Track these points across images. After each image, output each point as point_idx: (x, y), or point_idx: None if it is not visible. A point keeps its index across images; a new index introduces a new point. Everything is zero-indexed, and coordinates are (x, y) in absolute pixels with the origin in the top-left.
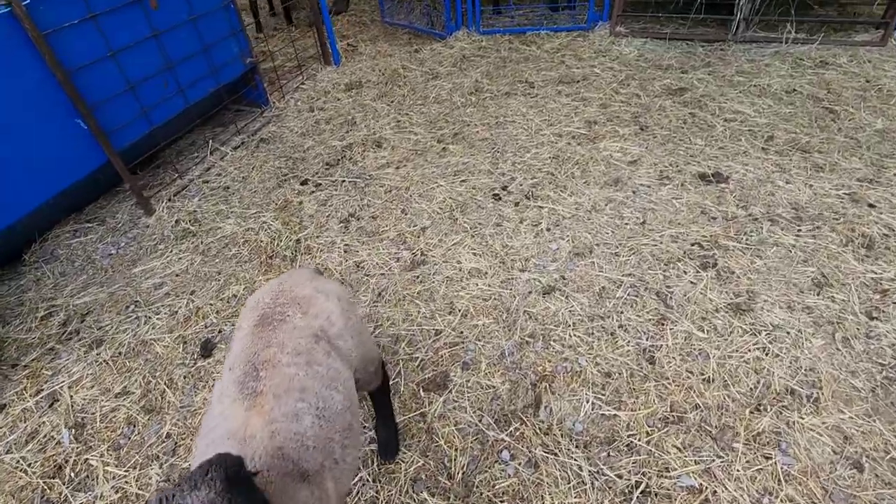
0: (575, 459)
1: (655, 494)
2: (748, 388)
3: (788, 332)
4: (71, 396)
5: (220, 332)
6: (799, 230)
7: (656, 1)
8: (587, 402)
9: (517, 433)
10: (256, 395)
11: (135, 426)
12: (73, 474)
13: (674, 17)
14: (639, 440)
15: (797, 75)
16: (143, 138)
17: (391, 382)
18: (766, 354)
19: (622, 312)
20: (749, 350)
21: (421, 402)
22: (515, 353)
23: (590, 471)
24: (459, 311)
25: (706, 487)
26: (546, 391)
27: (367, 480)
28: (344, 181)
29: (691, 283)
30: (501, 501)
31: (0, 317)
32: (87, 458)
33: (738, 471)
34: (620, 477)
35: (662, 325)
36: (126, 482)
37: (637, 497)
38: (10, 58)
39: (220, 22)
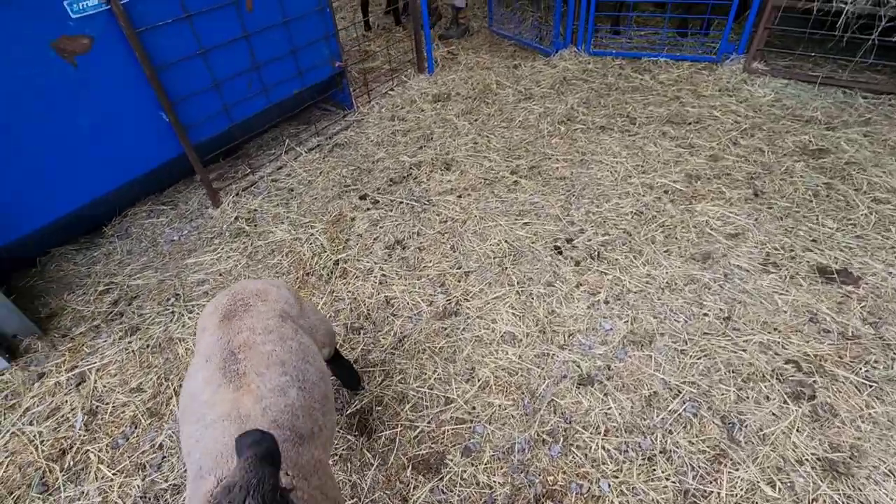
0: None
1: None
2: None
3: None
4: (95, 381)
5: None
6: None
7: (811, 36)
8: None
9: None
10: (241, 377)
11: (137, 427)
12: (72, 462)
13: (832, 57)
14: None
15: None
16: (223, 133)
17: (385, 449)
18: None
19: (671, 432)
20: None
21: (406, 484)
22: (527, 451)
23: None
24: (479, 381)
25: None
26: None
27: None
28: (402, 202)
29: (773, 415)
30: None
31: (68, 284)
32: (88, 450)
33: None
34: None
35: (720, 463)
36: (110, 487)
37: None
38: (105, 51)
39: (313, 25)
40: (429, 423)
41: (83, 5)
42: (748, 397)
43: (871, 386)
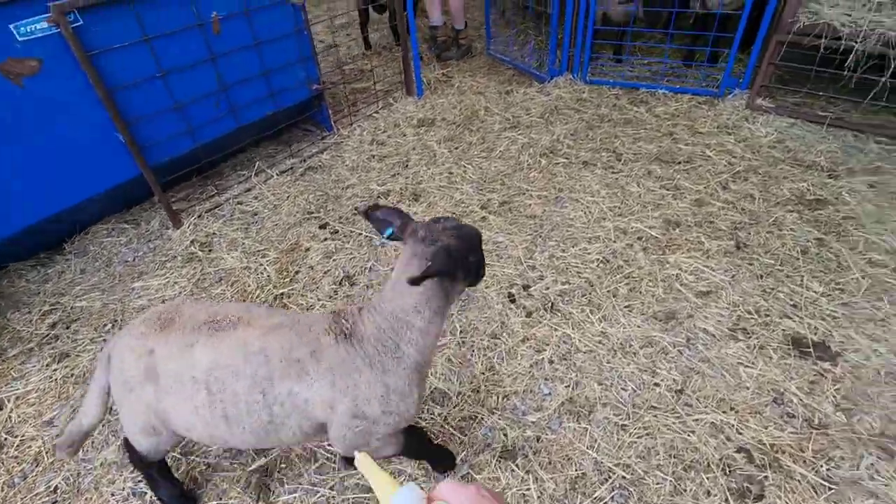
0: None
1: None
2: None
3: None
4: (12, 410)
5: None
6: None
7: (819, 74)
8: None
9: None
10: (238, 320)
11: (38, 465)
12: None
13: (843, 98)
14: None
15: None
16: (189, 153)
17: None
18: None
19: None
20: None
21: None
22: None
23: None
24: None
25: None
26: None
27: None
28: (361, 234)
29: None
30: None
31: (16, 302)
32: None
33: None
34: None
35: None
36: None
37: None
38: (55, 73)
39: (289, 47)
40: (331, 488)
41: (31, 28)
42: (686, 490)
43: (830, 488)
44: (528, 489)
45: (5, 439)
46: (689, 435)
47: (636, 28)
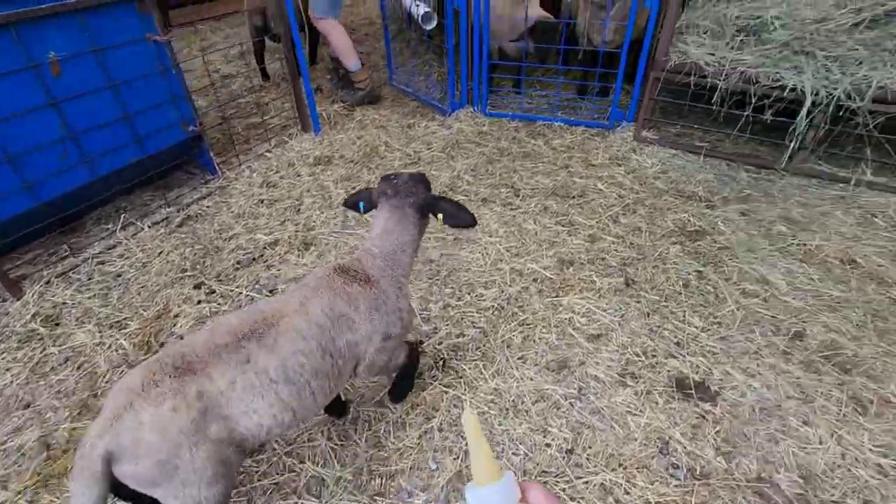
0: None
1: None
2: None
3: None
4: None
5: None
6: None
7: (691, 108)
8: None
9: None
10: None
11: None
12: None
13: (714, 130)
14: None
15: (865, 237)
16: (33, 210)
17: None
18: None
19: None
20: None
21: None
22: None
23: None
24: None
25: None
26: None
27: None
28: (241, 293)
29: None
30: None
31: None
32: None
33: None
34: None
35: None
36: None
37: None
38: None
39: (154, 87)
40: None
41: None
42: None
43: None
44: None
45: None
46: (578, 503)
47: (529, 63)
